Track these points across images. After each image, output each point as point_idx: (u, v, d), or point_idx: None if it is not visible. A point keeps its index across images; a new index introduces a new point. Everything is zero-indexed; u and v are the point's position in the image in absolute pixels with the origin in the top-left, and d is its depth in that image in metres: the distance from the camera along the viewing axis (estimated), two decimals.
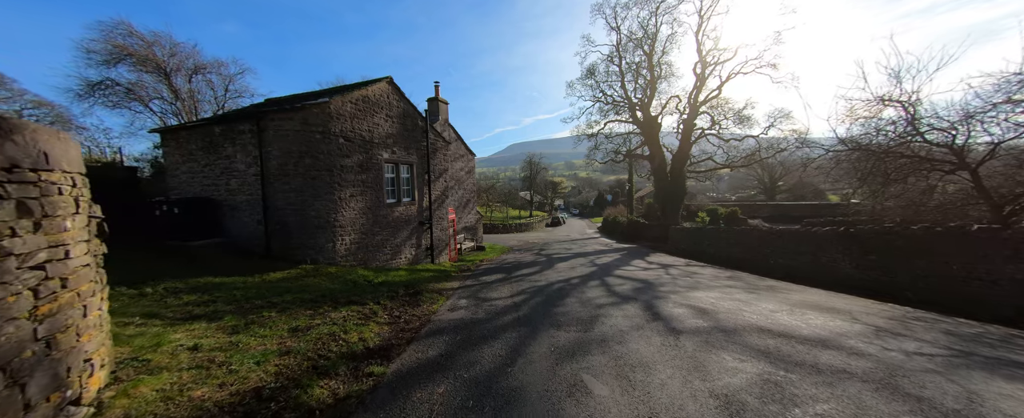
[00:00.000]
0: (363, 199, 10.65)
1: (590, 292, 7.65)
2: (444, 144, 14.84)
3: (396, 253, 12.09)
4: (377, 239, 11.20)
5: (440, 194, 14.68)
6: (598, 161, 36.43)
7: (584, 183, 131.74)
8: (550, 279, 9.72)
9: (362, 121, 10.53)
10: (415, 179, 12.97)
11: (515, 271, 11.82)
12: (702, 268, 11.91)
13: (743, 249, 13.21)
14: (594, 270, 11.41)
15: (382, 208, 11.38)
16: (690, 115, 26.11)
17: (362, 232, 10.63)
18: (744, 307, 5.92)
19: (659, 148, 27.87)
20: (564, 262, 13.98)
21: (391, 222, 11.82)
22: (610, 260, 14.56)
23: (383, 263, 11.50)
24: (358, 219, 10.46)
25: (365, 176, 10.67)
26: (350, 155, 10.11)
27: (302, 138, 9.03)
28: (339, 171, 9.79)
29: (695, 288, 7.81)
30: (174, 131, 10.68)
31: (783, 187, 53.03)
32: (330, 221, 9.57)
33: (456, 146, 19.89)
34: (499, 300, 7.30)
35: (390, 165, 12.00)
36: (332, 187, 9.61)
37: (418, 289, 8.71)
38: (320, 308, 6.07)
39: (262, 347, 3.96)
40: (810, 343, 4.10)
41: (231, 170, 9.75)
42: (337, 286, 8.00)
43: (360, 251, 10.58)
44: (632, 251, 18.97)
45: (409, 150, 12.68)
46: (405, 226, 12.56)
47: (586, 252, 18.43)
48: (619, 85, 28.94)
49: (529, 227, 46.12)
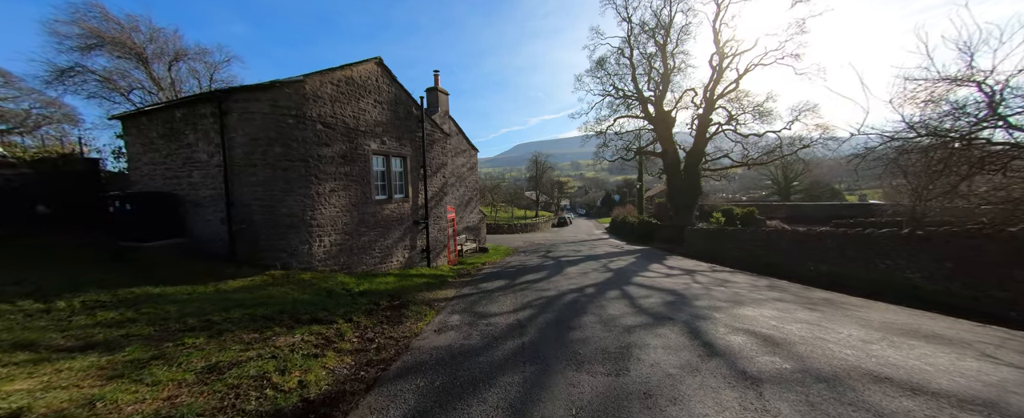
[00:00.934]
0: (346, 195, 9.35)
1: (611, 306, 6.24)
2: (442, 136, 13.52)
3: (386, 256, 10.78)
4: (363, 240, 9.89)
5: (438, 190, 13.36)
6: (607, 159, 35.04)
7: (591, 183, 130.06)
8: (560, 288, 8.33)
9: (345, 106, 9.23)
10: (409, 173, 11.65)
11: (520, 277, 10.45)
12: (731, 274, 10.44)
13: (773, 252, 11.75)
14: (609, 276, 9.99)
15: (369, 205, 10.07)
16: (706, 110, 24.58)
17: (345, 232, 9.33)
18: (821, 333, 4.49)
19: (672, 145, 26.37)
20: (574, 266, 12.57)
21: (380, 221, 10.51)
22: (625, 264, 13.13)
23: (370, 267, 10.19)
24: (340, 217, 9.16)
25: (349, 168, 9.36)
26: (330, 144, 8.81)
27: (272, 123, 7.74)
28: (317, 162, 8.49)
29: (739, 302, 6.38)
30: (135, 117, 9.46)
31: (798, 187, 51.10)
32: (305, 219, 8.27)
33: (457, 140, 18.57)
34: (499, 316, 5.93)
35: (379, 157, 10.68)
36: (308, 180, 8.31)
37: (405, 300, 7.37)
38: (269, 330, 4.75)
39: (135, 407, 2.63)
40: (969, 408, 2.68)
41: (193, 161, 8.50)
42: (306, 297, 6.68)
43: (342, 254, 9.27)
44: (646, 254, 17.51)
45: (402, 141, 11.36)
46: (397, 225, 11.24)
47: (597, 254, 17.01)
48: (630, 79, 27.48)
49: (535, 227, 44.72)
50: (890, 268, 8.09)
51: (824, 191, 51.23)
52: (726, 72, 23.65)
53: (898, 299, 6.93)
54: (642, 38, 25.94)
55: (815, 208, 33.05)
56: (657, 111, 26.47)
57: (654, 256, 16.40)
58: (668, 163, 26.51)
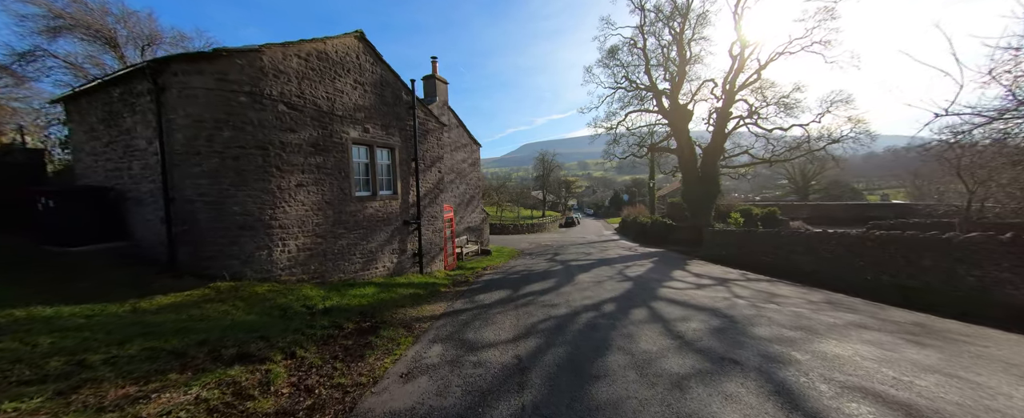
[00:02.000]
0: (319, 190, 7.91)
1: (642, 336, 4.70)
2: (438, 126, 12.06)
3: (370, 261, 9.33)
4: (341, 244, 8.45)
5: (433, 187, 11.90)
6: (617, 156, 33.40)
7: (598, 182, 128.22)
8: (572, 303, 6.79)
9: (317, 85, 7.79)
10: (398, 167, 10.20)
11: (524, 286, 8.94)
12: (771, 284, 8.84)
13: (816, 259, 10.13)
14: (629, 287, 8.43)
15: (348, 202, 8.63)
16: (725, 103, 22.87)
17: (317, 234, 7.89)
18: (978, 396, 2.92)
19: (688, 141, 24.66)
20: (586, 273, 11.02)
21: (362, 221, 9.07)
22: (643, 270, 11.54)
23: (350, 275, 8.75)
24: (310, 217, 7.72)
25: (322, 159, 7.92)
26: (297, 129, 7.37)
27: (219, 101, 6.32)
28: (279, 150, 7.06)
29: (811, 331, 4.80)
30: (75, 99, 8.13)
31: (816, 186, 48.87)
32: (263, 219, 6.84)
33: (457, 133, 17.10)
34: (493, 350, 4.43)
35: (361, 148, 9.24)
36: (267, 172, 6.88)
37: (378, 320, 5.90)
38: (161, 377, 3.30)
39: None
40: None
41: (133, 149, 7.12)
42: (249, 318, 5.24)
43: (314, 260, 7.83)
44: (664, 258, 15.89)
45: (389, 129, 9.91)
46: (383, 226, 9.80)
47: (609, 258, 15.43)
48: (643, 70, 25.82)
49: (542, 228, 43.17)
50: (983, 281, 6.48)
51: (844, 190, 48.94)
52: (747, 62, 21.89)
53: (1005, 323, 5.34)
54: (657, 26, 24.26)
55: (840, 208, 31.04)
56: (672, 104, 24.80)
57: (673, 261, 14.79)
58: (684, 160, 24.83)
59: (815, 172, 47.02)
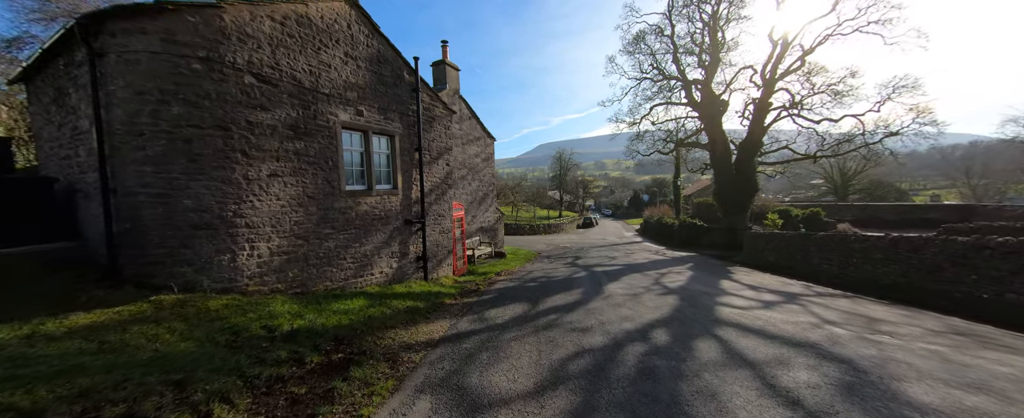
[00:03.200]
0: (299, 182, 6.60)
1: (730, 396, 3.09)
2: (446, 112, 10.67)
3: (364, 267, 8.00)
4: (327, 246, 7.13)
5: (440, 181, 10.51)
6: (641, 154, 31.54)
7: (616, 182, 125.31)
8: (609, 327, 5.24)
9: (297, 56, 6.49)
10: (398, 158, 8.84)
11: (543, 298, 7.42)
12: (852, 301, 7.08)
13: (900, 269, 8.29)
14: (676, 303, 6.79)
15: (337, 197, 7.30)
16: (765, 92, 20.78)
17: (296, 235, 6.57)
18: None
19: (722, 135, 22.66)
20: (616, 282, 9.42)
21: (354, 220, 7.73)
22: (683, 279, 9.84)
23: (340, 283, 7.42)
24: (288, 214, 6.41)
25: (302, 145, 6.61)
26: (270, 107, 6.08)
27: (166, 68, 5.06)
28: (246, 132, 5.76)
29: (992, 391, 3.13)
30: (30, 79, 7.07)
31: (856, 186, 45.43)
32: (224, 216, 5.55)
33: (469, 125, 15.71)
34: (507, 409, 2.94)
35: (354, 134, 7.91)
36: (229, 158, 5.59)
37: (356, 349, 4.49)
38: None
39: None
40: None
41: (78, 132, 5.95)
42: (183, 348, 3.92)
43: (292, 266, 6.52)
44: (699, 263, 14.09)
45: (388, 114, 8.56)
46: (380, 226, 8.45)
47: (638, 264, 13.74)
48: (671, 59, 23.92)
49: (559, 228, 41.49)
50: None
51: (888, 191, 45.35)
52: (790, 47, 19.73)
53: None
54: (687, 11, 22.31)
55: (890, 209, 28.25)
56: (704, 95, 22.82)
57: (713, 268, 12.99)
58: (716, 156, 22.83)
59: (856, 171, 43.75)
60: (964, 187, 47.41)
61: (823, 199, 47.80)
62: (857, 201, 40.96)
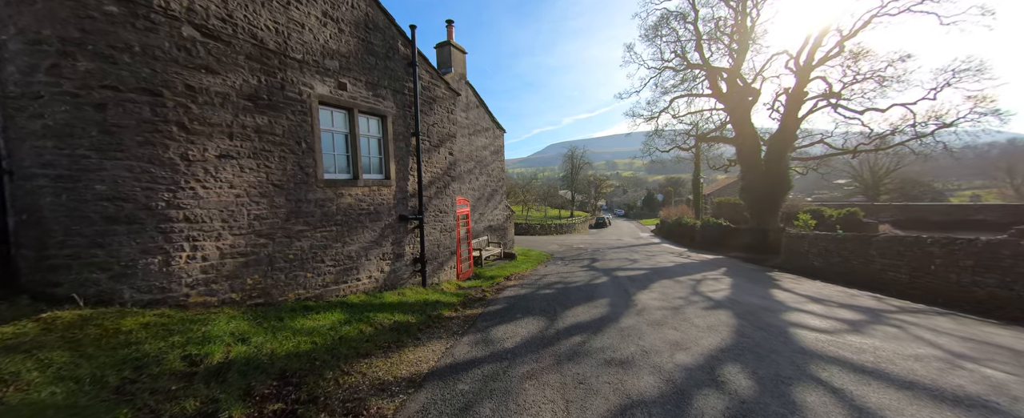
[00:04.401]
0: (261, 166, 5.33)
1: None
2: (449, 93, 9.35)
3: (347, 271, 6.71)
4: (300, 246, 5.86)
5: (441, 172, 9.20)
6: (659, 150, 29.85)
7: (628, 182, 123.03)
8: (657, 359, 3.82)
9: (258, 9, 5.23)
10: (391, 142, 7.56)
11: (562, 310, 6.02)
12: (955, 321, 5.51)
13: (1007, 279, 6.68)
14: (735, 323, 5.31)
15: (313, 187, 6.03)
16: (799, 80, 19.05)
17: (259, 232, 5.32)
18: None
19: (751, 128, 20.95)
20: (647, 291, 7.97)
21: (336, 214, 6.46)
22: (727, 289, 8.33)
23: (317, 290, 6.14)
24: (245, 205, 5.16)
25: (265, 121, 5.35)
26: (220, 71, 4.83)
27: (70, 11, 3.85)
28: (185, 99, 4.52)
29: None
30: None
31: (889, 185, 42.78)
32: (152, 207, 4.31)
33: (477, 115, 14.37)
34: None
35: (337, 112, 6.63)
36: (161, 132, 4.35)
37: (304, 395, 3.08)
38: None
39: None
40: None
41: None
42: (48, 394, 2.64)
43: (252, 270, 5.26)
44: (734, 268, 12.52)
45: (379, 91, 7.27)
46: (369, 222, 7.17)
47: (664, 268, 12.24)
48: (693, 47, 22.27)
49: (571, 228, 39.96)
50: None
51: (924, 190, 42.65)
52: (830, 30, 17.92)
53: None
54: None
55: (933, 210, 26.04)
56: (731, 86, 21.15)
57: (749, 273, 11.43)
58: (744, 151, 21.12)
59: (888, 169, 41.22)
60: (1006, 187, 44.38)
61: (852, 199, 45.25)
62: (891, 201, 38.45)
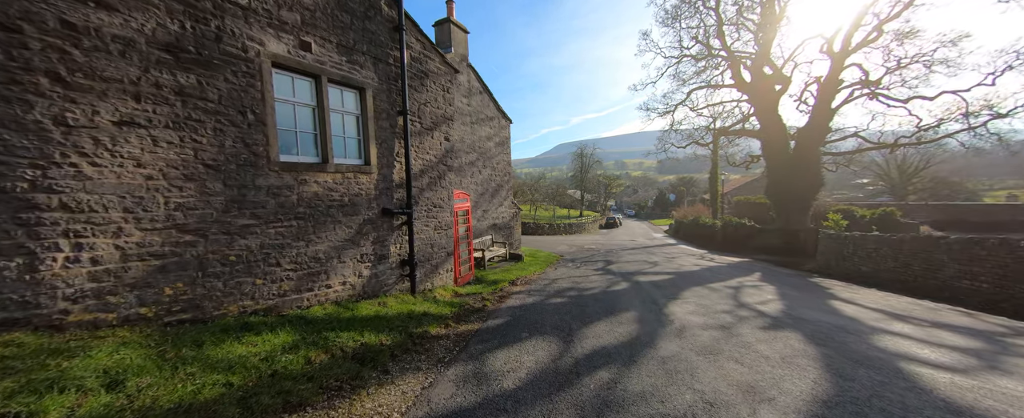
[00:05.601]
0: (187, 140, 4.08)
1: None
2: (445, 68, 8.06)
3: (313, 277, 5.45)
4: (244, 245, 4.60)
5: (435, 160, 7.90)
6: (675, 145, 28.29)
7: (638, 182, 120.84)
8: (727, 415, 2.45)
9: None
10: (371, 121, 6.29)
11: (579, 329, 4.64)
12: None
13: None
14: (820, 354, 3.85)
15: (264, 171, 4.77)
16: (834, 67, 17.44)
17: (182, 226, 4.07)
18: None
19: (778, 120, 19.36)
20: (679, 302, 6.55)
21: (296, 206, 5.20)
22: (776, 300, 6.85)
23: (270, 301, 4.88)
24: (161, 192, 3.92)
25: (193, 81, 4.10)
26: (123, 7, 3.60)
27: None
28: (61, 41, 3.29)
29: None
30: None
31: (918, 185, 40.45)
32: (5, 188, 3.09)
33: (480, 102, 13.06)
34: None
35: (298, 79, 5.36)
36: (19, 83, 3.12)
37: None
38: None
39: None
40: None
41: None
42: None
43: (172, 277, 4.01)
44: (769, 273, 11.01)
45: (355, 56, 6.00)
46: (342, 216, 5.89)
47: (690, 272, 10.78)
48: (714, 33, 20.73)
49: (581, 228, 38.49)
50: None
51: (957, 190, 40.25)
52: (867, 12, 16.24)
53: None
54: None
55: (974, 210, 24.06)
56: (755, 75, 19.59)
57: (787, 279, 9.94)
58: (770, 145, 19.55)
59: (918, 167, 38.96)
60: None
61: (877, 199, 42.98)
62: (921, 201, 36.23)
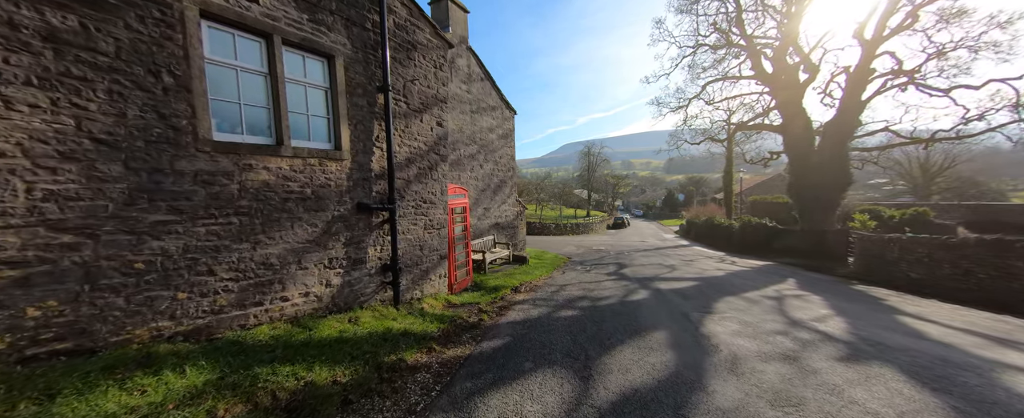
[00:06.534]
0: (65, 104, 3.01)
1: None
2: (437, 42, 6.94)
3: (264, 286, 4.35)
4: (158, 248, 3.51)
5: (425, 148, 6.78)
6: (688, 142, 27.00)
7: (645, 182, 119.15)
8: None
9: None
10: (343, 97, 5.18)
11: (598, 356, 3.44)
12: None
13: None
14: (946, 405, 2.68)
15: (187, 151, 3.67)
16: (865, 55, 16.04)
17: (56, 224, 2.99)
18: None
19: (802, 114, 18.05)
20: (715, 317, 5.32)
21: (237, 197, 4.10)
22: (828, 313, 5.57)
23: (198, 321, 3.79)
24: (21, 174, 2.85)
25: (74, 23, 3.03)
26: None
27: None
28: None
29: None
30: None
31: (942, 184, 38.60)
32: None
33: (481, 89, 11.92)
34: None
35: (242, 37, 4.26)
36: None
37: None
38: None
39: None
40: None
41: None
42: None
43: (42, 289, 2.94)
44: (805, 280, 9.75)
45: (319, 15, 4.89)
46: (303, 211, 4.79)
47: (714, 278, 9.55)
48: (734, 22, 19.42)
49: (588, 229, 37.23)
50: None
51: (982, 190, 38.31)
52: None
53: None
54: None
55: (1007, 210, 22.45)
56: (778, 65, 18.30)
57: (832, 287, 8.68)
58: (794, 141, 18.21)
59: (942, 166, 37.19)
60: None
61: (897, 200, 41.16)
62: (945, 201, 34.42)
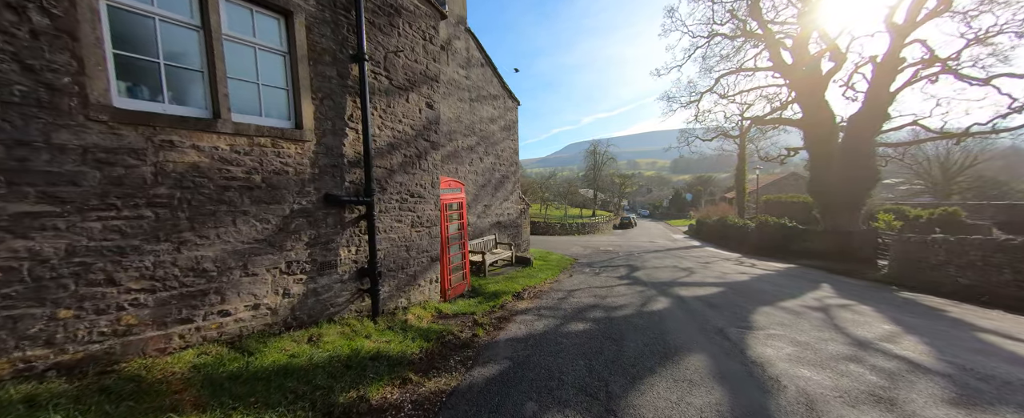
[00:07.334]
0: None
1: None
2: (427, 10, 5.98)
3: (195, 298, 3.44)
4: (21, 250, 2.61)
5: (412, 133, 5.82)
6: (700, 138, 25.92)
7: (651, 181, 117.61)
8: None
9: None
10: (304, 64, 4.26)
11: (622, 395, 2.46)
12: None
13: None
14: None
15: (72, 119, 2.76)
16: (895, 43, 14.91)
17: None
18: None
19: (825, 107, 16.95)
20: (758, 334, 4.27)
21: (153, 184, 3.18)
22: (895, 331, 4.46)
23: (89, 347, 2.88)
24: None
25: None
26: None
27: None
28: None
29: None
30: None
31: (962, 184, 37.06)
32: None
33: (481, 76, 10.96)
34: None
35: None
36: None
37: None
38: None
39: None
40: None
41: None
42: None
43: None
44: (840, 286, 8.70)
45: None
46: (250, 203, 3.85)
47: (739, 283, 8.51)
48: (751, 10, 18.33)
49: (594, 228, 36.17)
50: None
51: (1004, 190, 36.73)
52: None
53: None
54: None
55: None
56: (798, 56, 17.19)
57: (875, 295, 7.63)
58: (815, 136, 17.12)
59: (963, 165, 35.70)
60: None
61: (916, 199, 39.67)
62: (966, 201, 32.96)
